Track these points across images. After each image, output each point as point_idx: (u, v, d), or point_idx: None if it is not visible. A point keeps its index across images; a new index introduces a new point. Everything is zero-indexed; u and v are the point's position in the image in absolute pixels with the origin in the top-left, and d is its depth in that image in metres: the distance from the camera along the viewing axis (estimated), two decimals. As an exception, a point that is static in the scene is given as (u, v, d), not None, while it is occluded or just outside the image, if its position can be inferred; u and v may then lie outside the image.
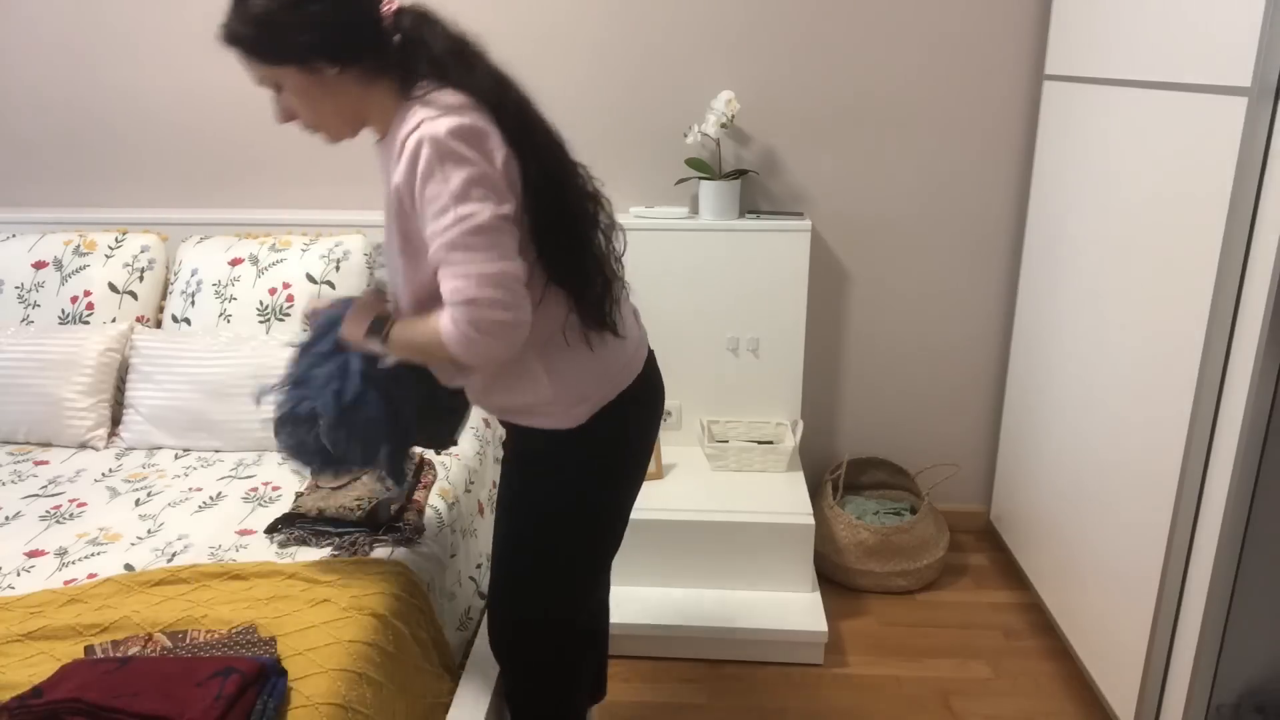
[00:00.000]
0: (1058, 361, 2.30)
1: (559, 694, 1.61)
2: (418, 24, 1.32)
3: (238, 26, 1.29)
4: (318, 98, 1.31)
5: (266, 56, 1.29)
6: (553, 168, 1.35)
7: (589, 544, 1.53)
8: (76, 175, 2.75)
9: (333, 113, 1.34)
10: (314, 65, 1.28)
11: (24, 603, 1.59)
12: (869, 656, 2.31)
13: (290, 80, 1.30)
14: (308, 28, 1.26)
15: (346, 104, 1.33)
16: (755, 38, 2.51)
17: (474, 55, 1.33)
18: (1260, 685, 1.72)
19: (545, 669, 1.60)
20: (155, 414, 2.20)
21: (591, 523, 1.51)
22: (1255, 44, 1.49)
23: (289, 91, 1.32)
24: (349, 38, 1.28)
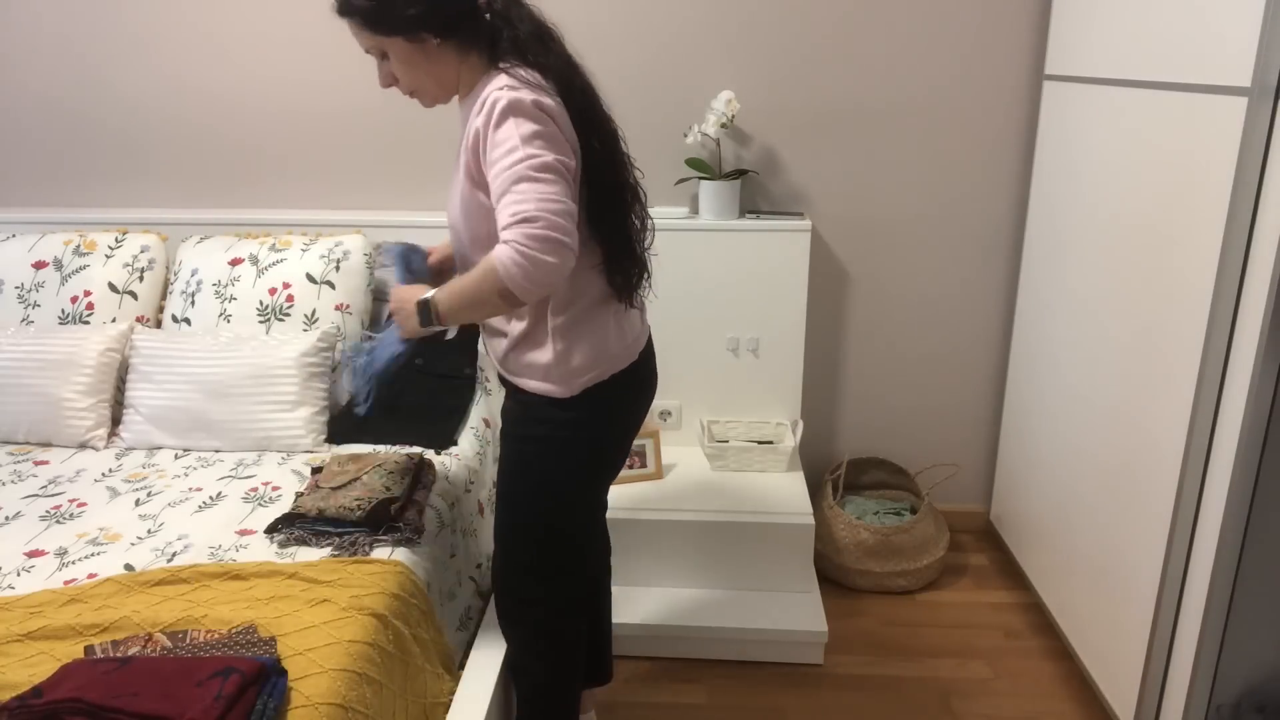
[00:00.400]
0: (1058, 361, 2.30)
1: (551, 659, 1.72)
2: (507, 6, 1.47)
3: (353, 0, 1.42)
4: (420, 65, 1.46)
5: (379, 28, 1.43)
6: (608, 149, 1.50)
7: (565, 508, 1.64)
8: (76, 175, 2.75)
9: (432, 79, 1.48)
10: (420, 36, 1.43)
11: (24, 603, 1.59)
12: (869, 656, 2.31)
13: (396, 49, 1.45)
14: (417, 3, 1.40)
15: (444, 71, 1.48)
16: (755, 38, 2.51)
17: (552, 39, 1.49)
18: (1260, 685, 1.72)
19: (536, 632, 1.70)
20: (155, 414, 2.20)
21: (569, 487, 1.62)
22: (1255, 44, 1.50)
23: (394, 59, 1.46)
24: (451, 13, 1.43)
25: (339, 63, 2.59)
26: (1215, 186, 1.60)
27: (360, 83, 2.59)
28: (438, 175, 2.62)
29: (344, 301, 2.34)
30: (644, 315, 1.69)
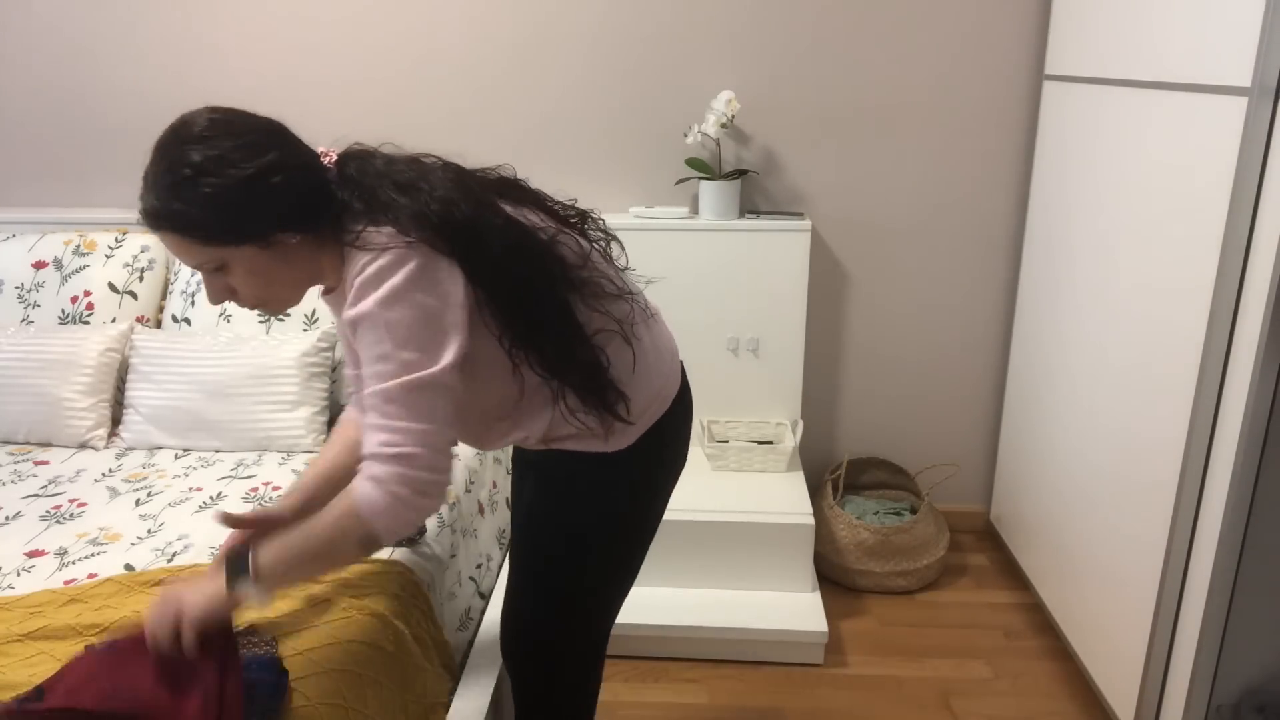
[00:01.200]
0: (1058, 361, 2.30)
1: (562, 704, 1.58)
2: (360, 166, 1.24)
3: (183, 209, 1.13)
4: (274, 271, 1.21)
5: (222, 239, 1.16)
6: (532, 288, 1.25)
7: (621, 563, 1.50)
8: (76, 175, 2.75)
9: (288, 282, 1.24)
10: (275, 239, 1.18)
11: (24, 603, 1.59)
12: (869, 656, 2.31)
13: (242, 260, 1.18)
14: (271, 202, 1.16)
15: (302, 268, 1.24)
16: (755, 38, 2.51)
17: (416, 179, 1.21)
18: (1260, 685, 1.72)
19: (564, 688, 1.56)
20: (155, 414, 2.20)
21: (627, 542, 1.48)
22: (1255, 44, 1.50)
23: (239, 271, 1.19)
24: (310, 202, 1.20)
25: (338, 62, 2.59)
26: (1215, 186, 1.60)
27: (359, 83, 2.60)
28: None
29: (344, 301, 2.34)
30: (671, 336, 1.51)
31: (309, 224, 1.20)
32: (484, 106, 2.60)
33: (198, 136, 1.15)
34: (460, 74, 2.58)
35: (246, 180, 1.14)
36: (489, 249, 1.21)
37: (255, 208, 1.15)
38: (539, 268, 1.26)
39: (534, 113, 2.61)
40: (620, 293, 1.35)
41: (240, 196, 1.14)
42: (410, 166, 1.24)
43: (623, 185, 2.64)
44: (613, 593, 1.52)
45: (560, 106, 2.60)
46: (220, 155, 1.14)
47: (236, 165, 1.14)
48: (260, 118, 1.21)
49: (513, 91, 2.59)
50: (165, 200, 1.14)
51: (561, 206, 1.37)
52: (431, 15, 2.54)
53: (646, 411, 1.38)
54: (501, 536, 2.29)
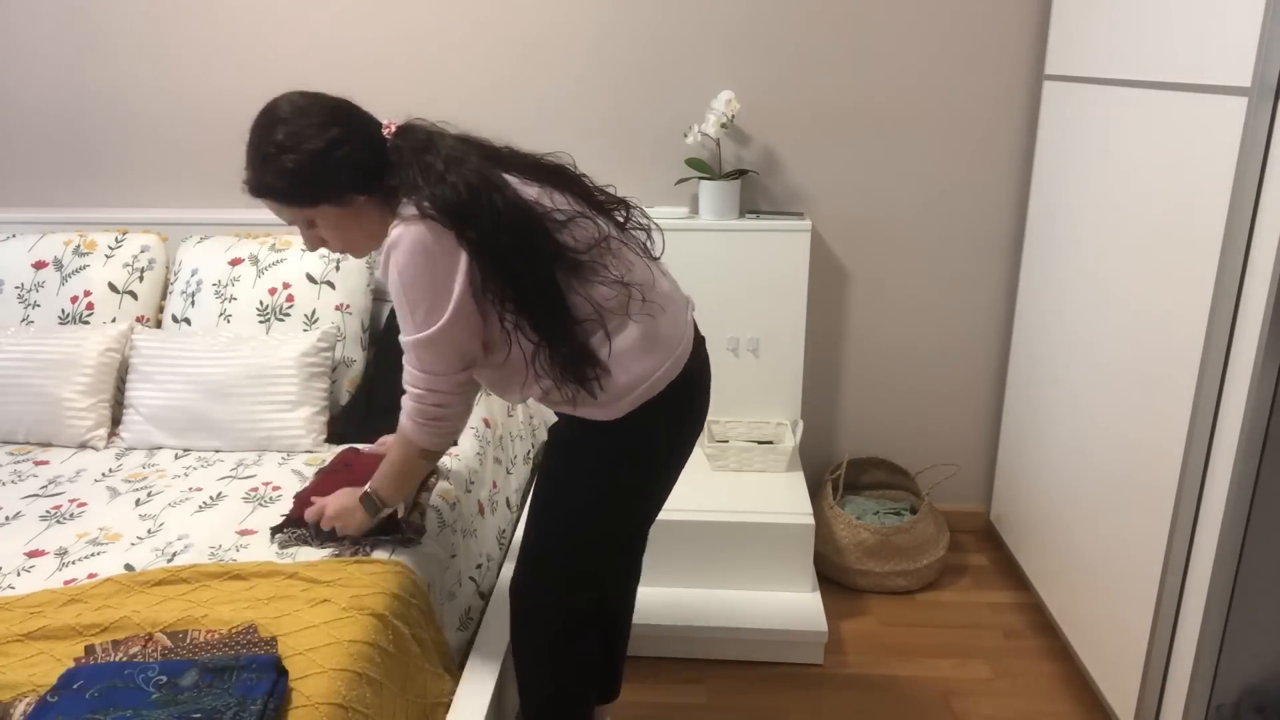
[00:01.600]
0: (1058, 361, 2.30)
1: (559, 679, 1.70)
2: (406, 141, 1.45)
3: (273, 180, 1.41)
4: (350, 225, 1.47)
5: (306, 201, 1.44)
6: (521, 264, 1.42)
7: (611, 528, 1.63)
8: (76, 175, 2.75)
9: (363, 234, 1.49)
10: (347, 199, 1.44)
11: (24, 603, 1.59)
12: (869, 656, 2.31)
13: (325, 217, 1.46)
14: (340, 170, 1.41)
15: (373, 224, 1.48)
16: (755, 38, 2.51)
17: (455, 164, 1.41)
18: (1260, 685, 1.72)
19: (548, 651, 1.68)
20: (155, 414, 2.20)
21: (615, 506, 1.61)
22: (1255, 44, 1.50)
23: (323, 226, 1.47)
24: (372, 169, 1.43)
25: (339, 62, 2.59)
26: (1215, 186, 1.60)
27: (359, 83, 2.59)
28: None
29: (344, 301, 2.34)
30: (686, 328, 1.60)
31: (373, 187, 1.44)
32: (484, 106, 2.60)
33: (279, 118, 1.42)
34: (461, 74, 2.58)
35: (319, 153, 1.40)
36: (485, 231, 1.38)
37: (328, 175, 1.41)
38: (530, 245, 1.42)
39: (534, 113, 2.61)
40: (617, 280, 1.49)
41: (316, 166, 1.40)
42: (444, 151, 1.43)
43: (623, 185, 2.61)
44: (603, 553, 1.67)
45: (560, 106, 2.60)
46: (297, 133, 1.40)
47: (309, 141, 1.39)
48: (330, 98, 1.47)
49: (513, 91, 2.59)
50: (259, 173, 1.42)
51: (600, 192, 1.57)
52: (435, 15, 2.54)
53: (634, 391, 1.50)
54: (501, 536, 2.29)
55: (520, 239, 1.41)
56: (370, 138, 1.45)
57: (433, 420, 1.49)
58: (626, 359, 1.49)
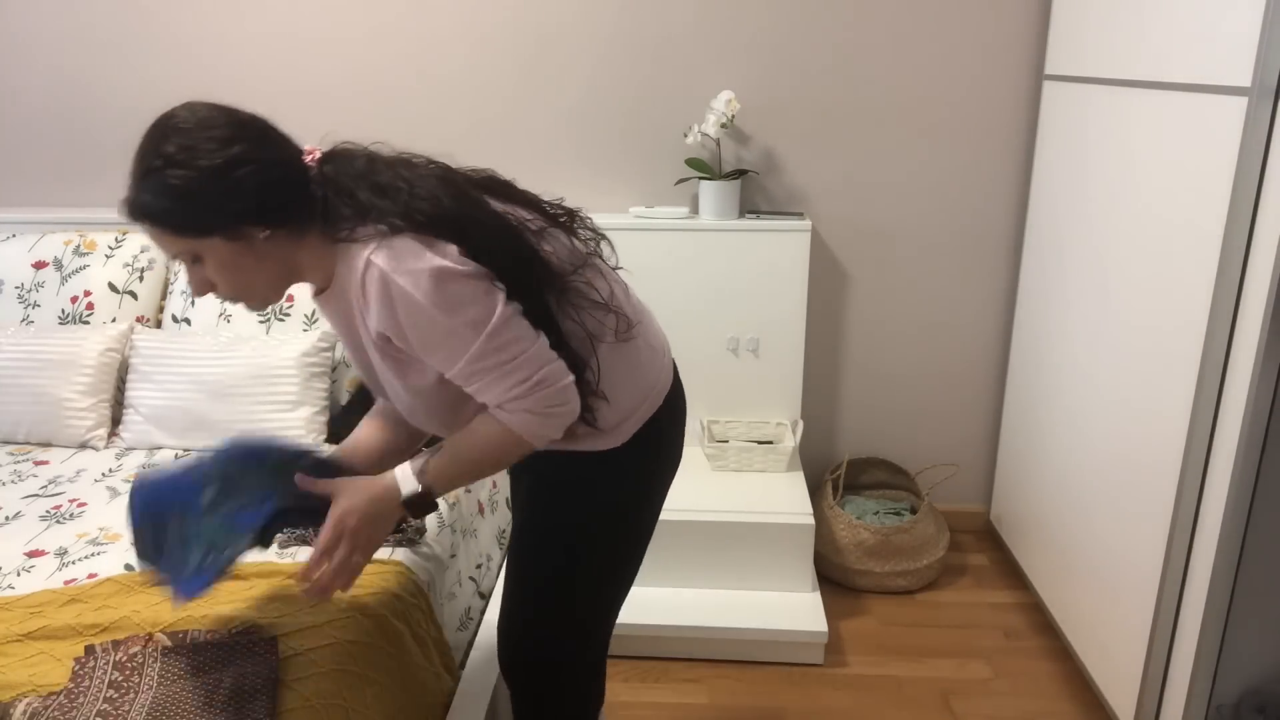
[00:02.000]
0: (1058, 361, 2.30)
1: (565, 711, 1.56)
2: (338, 166, 1.24)
3: (151, 199, 1.16)
4: (244, 266, 1.22)
5: (189, 230, 1.18)
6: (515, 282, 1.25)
7: (618, 564, 1.49)
8: (76, 175, 2.75)
9: (262, 279, 1.25)
10: (243, 232, 1.19)
11: (24, 603, 1.59)
12: (869, 656, 2.31)
13: (213, 252, 1.19)
14: (236, 195, 1.16)
15: (276, 265, 1.24)
16: (755, 38, 2.51)
17: (395, 182, 1.22)
18: (1260, 685, 1.72)
19: (564, 698, 1.54)
20: (155, 414, 2.20)
21: (623, 541, 1.48)
22: (1255, 44, 1.50)
23: (212, 263, 1.21)
24: (279, 197, 1.20)
25: (338, 61, 2.59)
26: (1215, 186, 1.60)
27: (362, 81, 2.60)
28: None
29: (344, 301, 2.33)
30: (660, 332, 1.50)
31: (278, 219, 1.20)
32: (484, 107, 2.60)
33: (173, 128, 1.17)
34: (461, 75, 2.58)
35: (211, 172, 1.15)
36: (476, 242, 1.22)
37: (219, 200, 1.16)
38: (523, 262, 1.26)
39: (534, 113, 2.61)
40: (605, 303, 1.35)
41: (204, 187, 1.15)
42: (392, 167, 1.25)
43: (623, 185, 2.64)
44: (611, 595, 1.51)
45: (560, 107, 2.60)
46: (191, 146, 1.15)
47: (204, 157, 1.15)
48: (241, 113, 1.21)
49: (513, 92, 2.59)
50: (137, 190, 1.17)
51: (550, 205, 1.38)
52: (434, 16, 2.54)
53: (637, 411, 1.39)
54: (501, 536, 2.29)
55: (511, 254, 1.26)
56: (283, 161, 1.22)
57: (564, 404, 1.25)
58: (623, 382, 1.37)
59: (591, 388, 1.32)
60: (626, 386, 1.37)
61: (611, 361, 1.35)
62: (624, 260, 2.48)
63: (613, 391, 1.35)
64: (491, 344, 1.20)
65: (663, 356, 1.46)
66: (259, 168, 1.18)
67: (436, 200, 1.21)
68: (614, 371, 1.35)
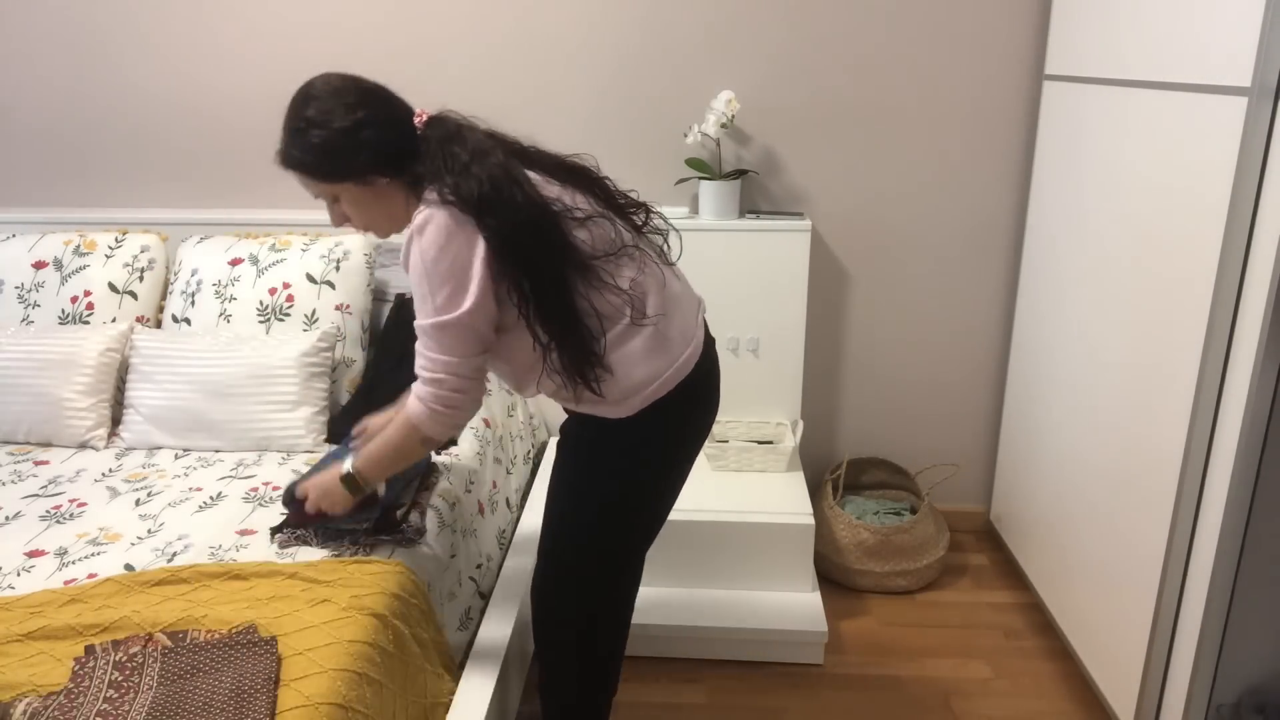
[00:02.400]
0: (1058, 361, 2.30)
1: (584, 679, 1.74)
2: (436, 131, 1.49)
3: (299, 154, 1.46)
4: (371, 205, 1.51)
5: (329, 177, 1.47)
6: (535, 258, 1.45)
7: (629, 523, 1.65)
8: (76, 175, 2.75)
9: (384, 216, 1.53)
10: (369, 179, 1.47)
11: (24, 603, 1.59)
12: (869, 656, 2.31)
13: (347, 194, 1.49)
14: (364, 149, 1.44)
15: (395, 207, 1.51)
16: (755, 38, 2.51)
17: (480, 157, 1.45)
18: (1260, 685, 1.72)
19: (574, 652, 1.72)
20: (155, 414, 2.20)
21: (629, 501, 1.63)
22: (1255, 44, 1.50)
23: (346, 202, 1.50)
24: (398, 153, 1.47)
25: (339, 62, 2.58)
26: (1215, 186, 1.60)
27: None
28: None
29: (344, 301, 2.34)
30: (695, 326, 1.63)
31: (395, 170, 1.47)
32: (485, 108, 2.58)
33: (313, 95, 1.46)
34: (463, 76, 2.58)
35: (344, 131, 1.43)
36: (504, 223, 1.42)
37: (351, 154, 1.44)
38: (546, 241, 1.46)
39: (534, 113, 2.60)
40: (622, 289, 1.52)
41: (340, 144, 1.44)
42: (471, 143, 1.47)
43: (623, 185, 2.63)
44: (621, 552, 1.68)
45: (560, 106, 2.60)
46: (327, 110, 1.44)
47: (338, 119, 1.43)
48: (366, 82, 1.50)
49: (513, 91, 2.59)
50: (288, 146, 1.47)
51: (621, 195, 1.61)
52: (434, 16, 2.54)
53: (645, 389, 1.53)
54: (501, 536, 2.29)
55: (536, 234, 1.45)
56: (398, 123, 1.48)
57: (448, 407, 1.48)
58: (632, 362, 1.52)
59: (598, 359, 1.49)
60: (638, 365, 1.52)
61: (626, 341, 1.52)
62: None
63: (623, 366, 1.51)
64: (437, 331, 1.44)
65: (685, 348, 1.58)
66: (380, 129, 1.46)
67: (481, 180, 1.42)
68: (628, 350, 1.52)
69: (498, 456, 2.37)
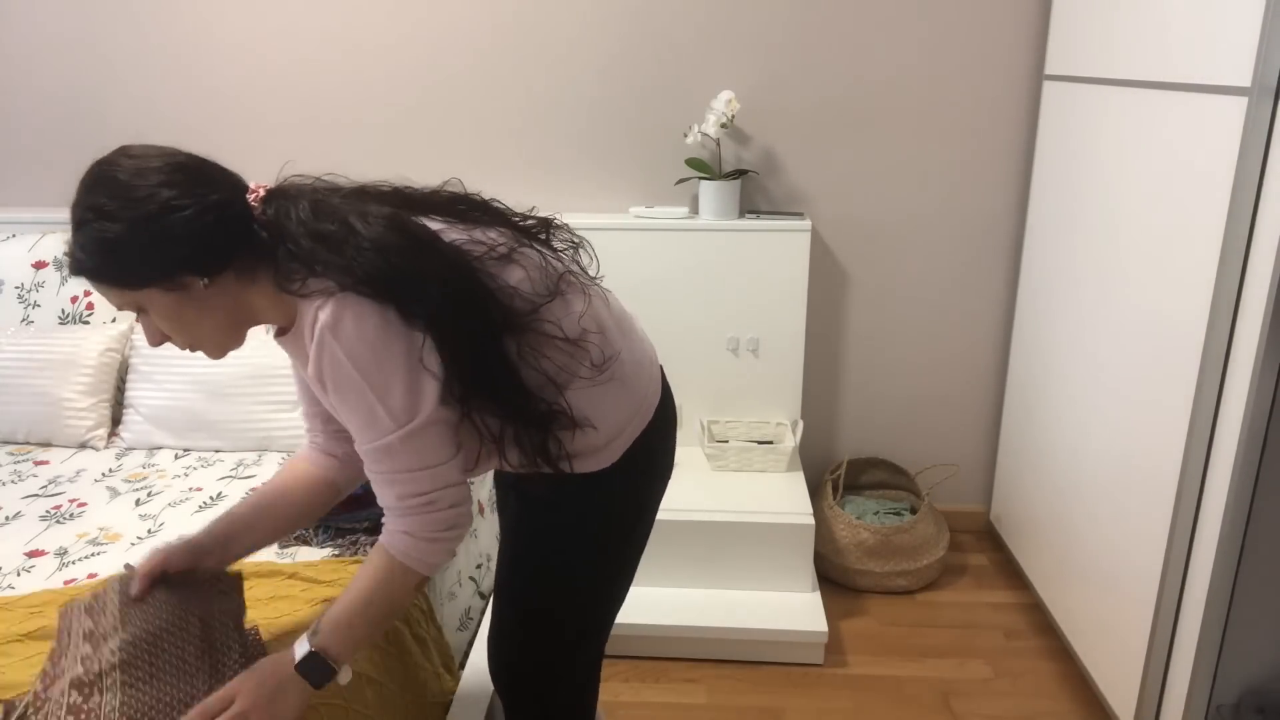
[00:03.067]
0: (1058, 361, 2.30)
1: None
2: (280, 209, 1.18)
3: (83, 255, 1.13)
4: (188, 316, 1.17)
5: (124, 282, 1.14)
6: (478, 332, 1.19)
7: (611, 580, 1.45)
8: (77, 175, 2.74)
9: (210, 326, 1.19)
10: (180, 282, 1.14)
11: (24, 603, 1.59)
12: (869, 656, 2.31)
13: (155, 303, 1.15)
14: (167, 244, 1.11)
15: (224, 313, 1.19)
16: (755, 38, 2.51)
17: (339, 231, 1.15)
18: (1260, 685, 1.72)
19: (559, 711, 1.51)
20: (155, 414, 2.20)
21: (615, 558, 1.44)
22: (1255, 44, 1.49)
23: (156, 314, 1.17)
24: (217, 242, 1.14)
25: (336, 64, 2.59)
26: (1215, 186, 1.60)
27: (360, 79, 2.59)
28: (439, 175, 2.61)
29: (344, 301, 2.33)
30: (646, 346, 1.44)
31: (216, 267, 1.15)
32: (485, 108, 2.60)
33: (106, 177, 1.16)
34: (463, 76, 2.58)
35: (139, 222, 1.11)
36: (428, 298, 1.15)
37: (149, 250, 1.12)
38: (482, 316, 1.19)
39: (534, 113, 2.61)
40: (574, 339, 1.28)
41: (134, 239, 1.11)
42: (338, 211, 1.17)
43: (623, 185, 2.64)
44: (603, 612, 1.47)
45: (560, 106, 2.60)
46: (119, 196, 1.13)
47: (132, 207, 1.11)
48: (179, 155, 1.20)
49: (512, 91, 2.59)
50: (73, 246, 1.14)
51: (522, 218, 1.32)
52: (433, 15, 2.54)
53: (626, 429, 1.34)
54: (501, 536, 2.29)
55: (472, 302, 1.18)
56: (219, 204, 1.16)
57: (450, 529, 1.20)
58: (609, 404, 1.31)
59: (567, 422, 1.25)
60: (612, 408, 1.32)
61: (595, 388, 1.30)
62: (624, 260, 2.48)
63: (599, 415, 1.30)
64: (404, 444, 1.15)
65: (649, 368, 1.40)
66: (192, 214, 1.12)
67: (382, 253, 1.13)
68: (600, 397, 1.30)
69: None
